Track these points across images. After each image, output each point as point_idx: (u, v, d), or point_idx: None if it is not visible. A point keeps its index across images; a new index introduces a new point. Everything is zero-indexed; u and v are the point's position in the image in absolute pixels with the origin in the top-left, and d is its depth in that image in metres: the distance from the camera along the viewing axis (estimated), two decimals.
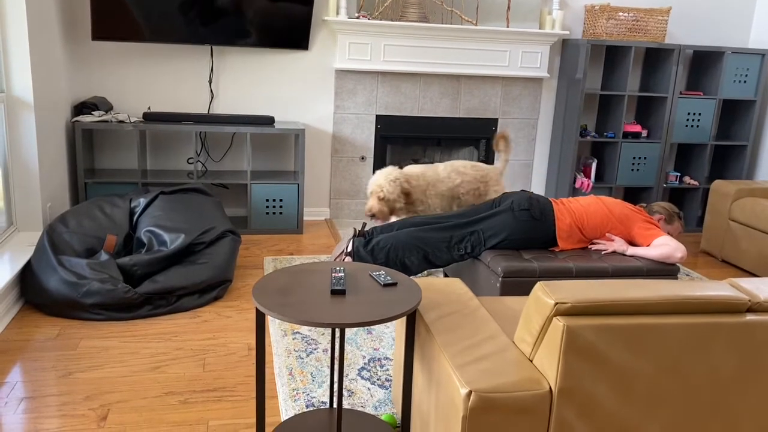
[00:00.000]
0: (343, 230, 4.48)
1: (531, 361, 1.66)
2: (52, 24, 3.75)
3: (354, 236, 3.27)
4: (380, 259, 3.10)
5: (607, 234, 3.08)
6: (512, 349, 1.72)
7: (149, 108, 4.37)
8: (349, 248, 3.21)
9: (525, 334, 1.68)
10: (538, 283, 1.65)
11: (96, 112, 4.01)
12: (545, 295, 1.59)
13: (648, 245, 3.03)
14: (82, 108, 4.02)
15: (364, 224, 3.39)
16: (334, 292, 1.88)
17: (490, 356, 1.67)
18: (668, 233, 3.31)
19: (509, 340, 1.77)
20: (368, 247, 3.11)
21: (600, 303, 1.56)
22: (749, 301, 1.66)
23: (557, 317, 1.56)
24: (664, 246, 2.96)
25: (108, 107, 4.19)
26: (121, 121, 4.02)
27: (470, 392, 1.52)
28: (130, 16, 4.00)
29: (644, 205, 3.35)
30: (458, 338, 1.78)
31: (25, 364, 2.55)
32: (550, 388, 1.57)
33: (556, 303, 1.55)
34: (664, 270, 2.96)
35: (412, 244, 3.08)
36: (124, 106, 4.34)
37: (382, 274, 2.03)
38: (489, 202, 3.23)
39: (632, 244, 3.11)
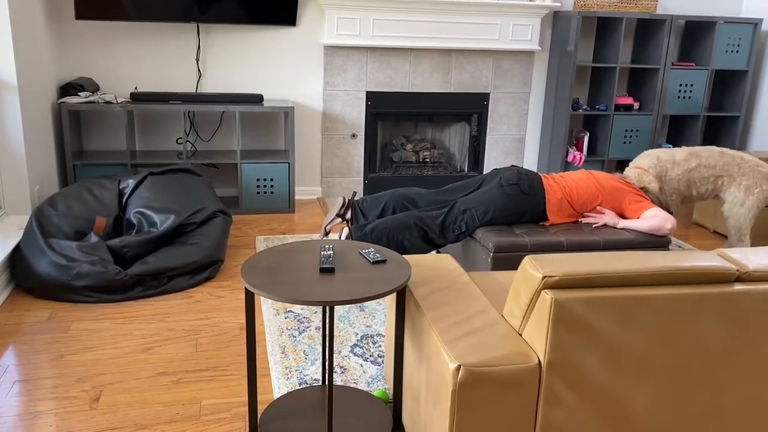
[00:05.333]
0: (332, 199, 4.52)
1: (520, 335, 1.66)
2: (34, 3, 3.68)
3: (343, 205, 3.25)
4: (381, 243, 3.08)
5: (597, 207, 3.08)
6: (501, 323, 1.72)
7: (136, 88, 4.32)
8: (341, 212, 3.21)
9: (514, 308, 1.68)
10: (526, 257, 1.64)
11: (82, 93, 3.96)
12: (533, 268, 1.59)
13: (638, 218, 3.03)
14: (68, 89, 3.96)
15: (354, 193, 3.37)
16: (323, 270, 1.87)
17: (480, 331, 1.67)
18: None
19: (498, 315, 1.77)
20: (365, 230, 3.07)
21: (588, 275, 1.56)
22: (737, 271, 1.66)
23: (545, 290, 1.55)
24: (653, 218, 2.96)
25: (94, 88, 4.14)
26: (108, 102, 3.97)
27: (459, 367, 1.52)
28: None
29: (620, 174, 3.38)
30: (448, 313, 1.78)
31: (17, 348, 2.54)
32: (539, 361, 1.57)
33: (544, 276, 1.55)
34: (655, 242, 2.97)
35: (410, 225, 3.05)
36: (110, 87, 4.29)
37: (371, 251, 2.02)
38: (477, 178, 3.21)
39: (623, 217, 3.11)
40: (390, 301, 2.20)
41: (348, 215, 3.27)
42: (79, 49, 4.17)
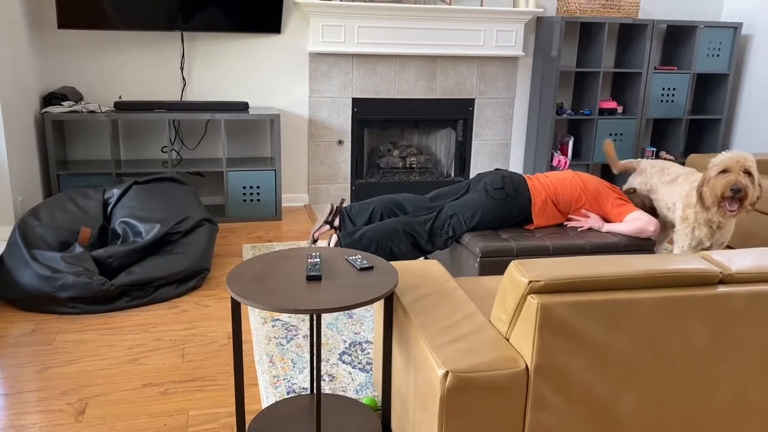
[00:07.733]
0: (320, 205, 4.53)
1: (507, 340, 1.67)
2: (15, 12, 3.65)
3: (331, 212, 3.25)
4: (370, 250, 3.08)
5: (582, 211, 3.10)
6: (488, 328, 1.73)
7: (120, 97, 4.30)
8: (329, 219, 3.21)
9: (501, 313, 1.69)
10: (512, 262, 1.65)
11: (66, 103, 3.93)
12: (519, 273, 1.59)
13: (621, 221, 3.05)
14: (51, 99, 3.94)
15: (342, 200, 3.37)
16: (309, 278, 1.87)
17: (467, 336, 1.68)
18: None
19: (485, 320, 1.78)
20: (353, 237, 3.07)
21: (573, 280, 1.57)
22: (721, 273, 1.68)
23: (531, 295, 1.56)
24: (636, 221, 2.99)
25: (78, 97, 4.11)
26: (92, 111, 3.94)
27: (447, 373, 1.52)
28: (96, 2, 3.91)
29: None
30: (435, 319, 1.78)
31: (0, 361, 2.51)
32: (527, 365, 1.58)
33: (530, 281, 1.56)
34: (641, 245, 2.99)
35: (398, 231, 3.05)
36: (94, 96, 4.26)
37: (359, 258, 2.02)
38: (463, 183, 3.22)
39: (606, 220, 3.14)
40: (378, 308, 2.20)
41: (336, 222, 3.26)
42: (62, 58, 4.15)
